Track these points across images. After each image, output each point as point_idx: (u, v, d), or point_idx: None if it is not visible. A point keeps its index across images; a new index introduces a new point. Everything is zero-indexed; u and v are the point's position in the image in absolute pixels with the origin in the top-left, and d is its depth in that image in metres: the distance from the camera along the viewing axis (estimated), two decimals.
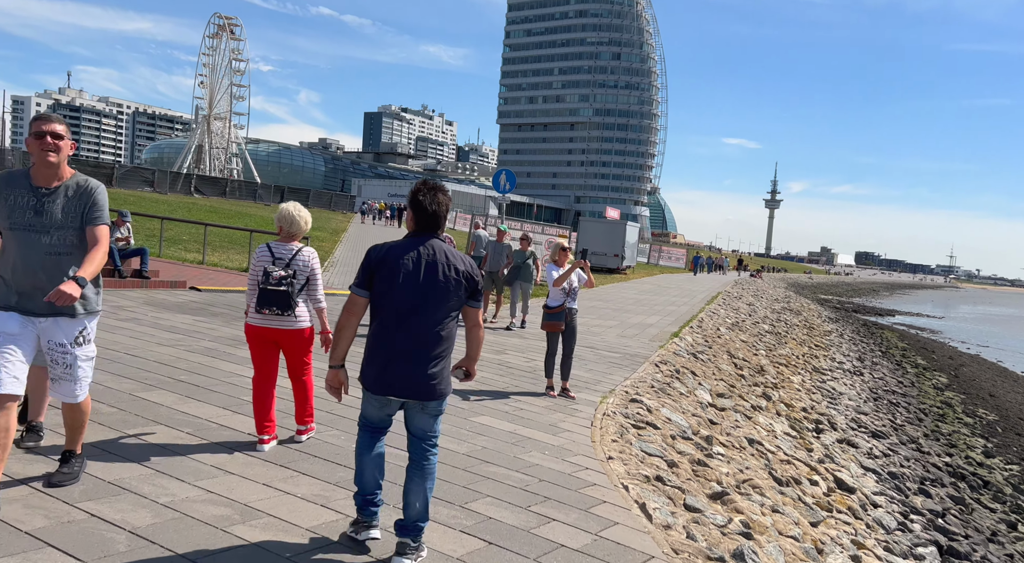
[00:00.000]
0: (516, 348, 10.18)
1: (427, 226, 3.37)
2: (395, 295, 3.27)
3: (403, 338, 3.27)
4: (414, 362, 3.27)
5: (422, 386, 3.28)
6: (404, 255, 3.30)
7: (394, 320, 3.28)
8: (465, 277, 3.35)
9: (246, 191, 59.73)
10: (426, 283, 3.28)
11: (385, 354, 3.28)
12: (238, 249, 20.01)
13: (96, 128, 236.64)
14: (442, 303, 3.30)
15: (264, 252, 4.63)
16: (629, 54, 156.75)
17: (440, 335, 3.31)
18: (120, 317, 8.89)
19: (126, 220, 11.83)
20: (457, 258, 3.37)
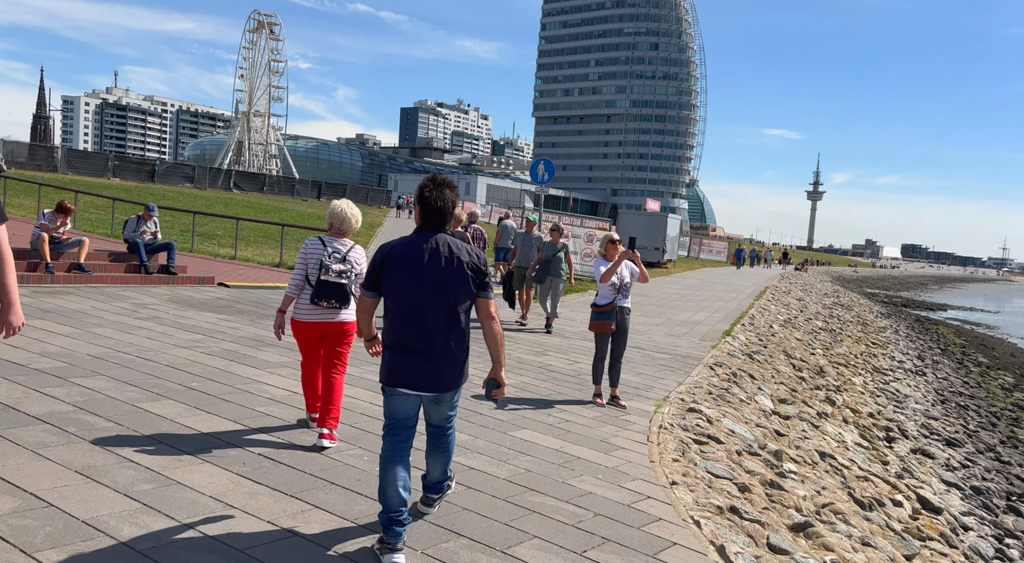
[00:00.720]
0: (558, 349, 9.45)
1: (433, 221, 3.38)
2: (403, 290, 3.29)
3: (414, 332, 3.28)
4: (427, 356, 3.29)
5: (436, 379, 3.30)
6: (410, 251, 3.31)
7: (404, 315, 3.30)
8: (471, 268, 3.34)
9: (284, 186, 59.97)
10: (432, 277, 3.29)
11: (399, 349, 3.30)
12: (272, 244, 19.63)
13: (141, 126, 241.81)
14: (450, 296, 3.31)
15: (317, 245, 4.57)
16: (667, 44, 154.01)
17: (451, 328, 3.32)
18: (140, 316, 8.41)
19: (153, 214, 11.41)
20: (462, 250, 3.36)
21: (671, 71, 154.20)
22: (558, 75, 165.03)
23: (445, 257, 3.31)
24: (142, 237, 11.27)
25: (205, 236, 19.43)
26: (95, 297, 9.34)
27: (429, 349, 3.29)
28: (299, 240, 21.87)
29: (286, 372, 6.46)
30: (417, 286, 3.28)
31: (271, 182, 59.75)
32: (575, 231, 22.01)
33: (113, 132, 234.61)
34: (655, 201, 43.49)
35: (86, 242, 10.38)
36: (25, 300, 8.58)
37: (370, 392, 6.13)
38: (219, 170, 58.14)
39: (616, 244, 6.69)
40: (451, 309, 3.31)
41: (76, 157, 46.80)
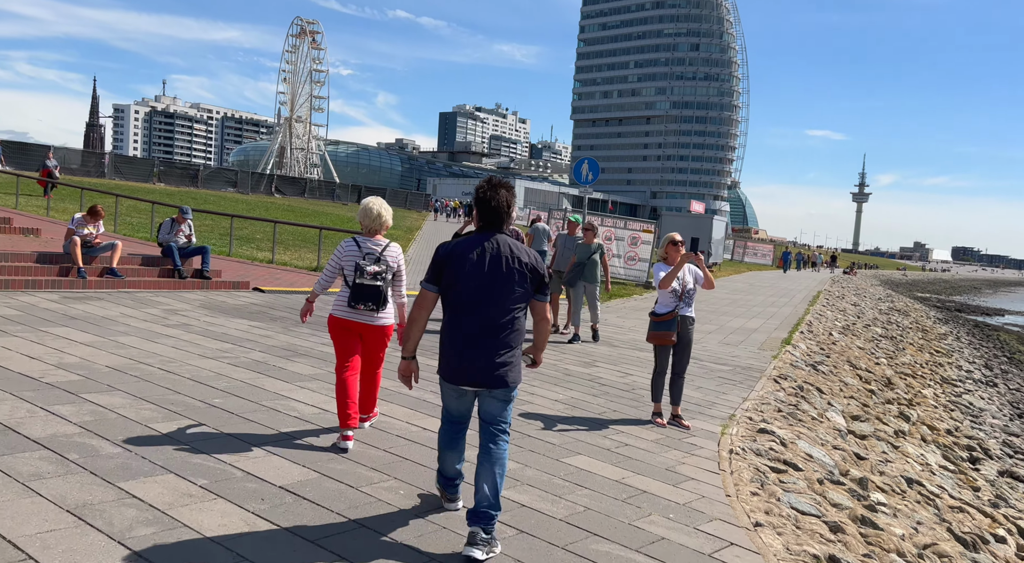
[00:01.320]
0: (607, 359, 8.80)
1: (492, 222, 3.44)
2: (462, 288, 3.36)
3: (472, 329, 3.36)
4: (483, 352, 3.36)
5: (491, 375, 3.36)
6: (470, 250, 3.37)
7: (463, 312, 3.37)
8: (530, 269, 3.40)
9: (325, 191, 60.33)
10: (491, 276, 3.35)
11: (456, 345, 3.38)
12: (310, 248, 19.35)
13: (188, 133, 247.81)
14: (508, 295, 3.37)
15: (351, 246, 4.52)
16: (708, 44, 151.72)
17: (507, 326, 3.38)
18: (169, 323, 8.02)
19: (187, 217, 11.09)
20: (522, 251, 3.41)
21: (712, 72, 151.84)
22: (597, 77, 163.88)
23: (506, 257, 3.37)
24: (176, 240, 10.95)
25: (243, 240, 19.24)
26: (125, 302, 9.01)
27: (485, 346, 3.35)
28: (336, 243, 21.59)
29: (317, 386, 5.94)
30: (476, 284, 3.35)
31: (312, 186, 60.17)
32: (618, 234, 21.29)
33: (161, 139, 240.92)
34: (700, 203, 42.37)
35: (119, 246, 10.10)
36: (53, 306, 8.26)
37: (407, 410, 5.58)
38: (261, 175, 58.82)
39: (678, 246, 6.02)
40: (507, 308, 3.37)
41: (123, 163, 47.67)
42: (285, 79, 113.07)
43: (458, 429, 3.58)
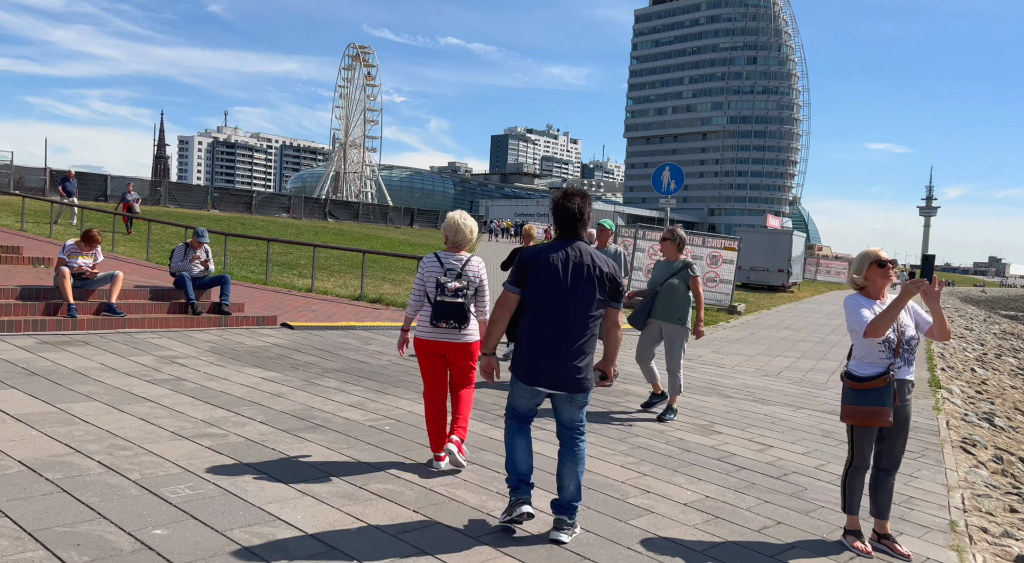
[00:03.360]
0: (729, 420, 6.60)
1: (569, 230, 3.59)
2: (544, 292, 3.48)
3: (550, 332, 3.46)
4: (560, 355, 3.45)
5: (568, 379, 3.47)
6: (553, 255, 3.51)
7: (543, 316, 3.48)
8: (609, 278, 3.54)
9: (377, 214, 59.63)
10: (572, 281, 3.47)
11: (534, 347, 3.48)
12: (356, 273, 17.66)
13: (249, 161, 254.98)
14: (587, 301, 3.48)
15: (433, 262, 4.40)
16: (766, 57, 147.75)
17: (584, 331, 3.49)
18: (157, 377, 6.21)
19: (203, 241, 9.41)
20: (601, 260, 3.56)
21: (771, 85, 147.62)
22: (650, 94, 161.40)
23: (587, 265, 3.50)
24: (190, 269, 9.28)
25: (285, 266, 17.70)
26: (115, 348, 7.29)
27: (560, 350, 3.45)
28: (387, 269, 19.92)
29: (327, 491, 3.96)
30: (557, 289, 3.46)
31: (365, 210, 59.53)
32: (696, 252, 18.97)
33: (223, 168, 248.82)
34: (776, 217, 39.51)
35: (120, 277, 8.44)
36: (17, 355, 6.56)
37: (482, 423, 3.55)
38: (315, 200, 58.51)
39: (888, 269, 3.84)
40: (584, 313, 3.48)
41: (178, 190, 47.64)
42: (339, 105, 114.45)
43: (525, 422, 3.67)
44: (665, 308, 6.20)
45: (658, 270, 6.35)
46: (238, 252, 19.72)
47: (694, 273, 6.23)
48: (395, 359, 8.16)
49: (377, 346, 8.92)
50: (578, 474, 3.55)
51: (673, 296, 6.20)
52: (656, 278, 6.31)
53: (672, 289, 6.21)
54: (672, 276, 6.22)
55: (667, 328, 6.24)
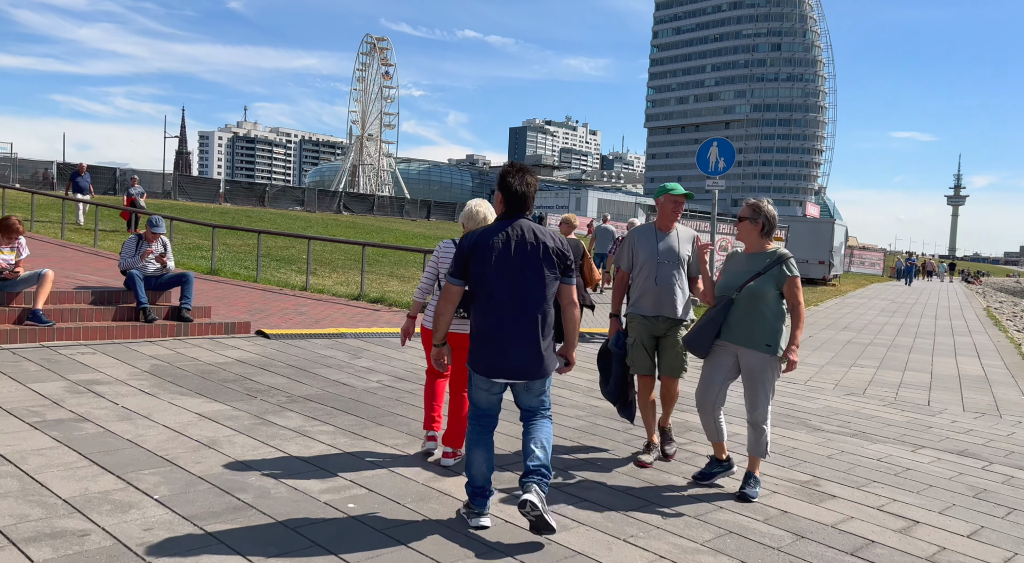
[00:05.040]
0: (837, 476, 4.80)
1: (515, 207, 3.40)
2: (489, 278, 3.30)
3: (501, 319, 3.30)
4: (514, 343, 3.29)
5: (524, 366, 3.31)
6: (493, 238, 3.32)
7: (490, 303, 3.31)
8: (556, 253, 3.35)
9: (393, 207, 58.15)
10: (517, 263, 3.30)
11: (486, 337, 3.32)
12: (359, 269, 15.94)
13: (268, 156, 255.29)
14: (535, 282, 3.32)
15: (449, 248, 4.23)
16: (791, 44, 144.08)
17: (536, 314, 3.32)
18: (54, 414, 4.55)
19: (158, 231, 7.76)
20: (546, 235, 3.37)
21: (795, 72, 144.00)
22: (671, 83, 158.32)
23: (531, 243, 3.32)
24: (142, 266, 7.64)
25: (283, 261, 16.09)
26: (23, 369, 5.65)
27: (514, 336, 3.29)
28: (396, 263, 18.25)
29: None
30: (502, 272, 3.29)
31: (380, 203, 58.04)
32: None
33: (243, 162, 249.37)
34: (814, 205, 37.34)
35: (48, 276, 6.81)
36: None
37: None
38: (330, 193, 57.15)
39: None
40: (536, 295, 3.32)
41: (188, 183, 46.39)
42: (356, 98, 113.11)
43: (487, 424, 3.47)
44: (745, 326, 4.03)
45: (733, 267, 4.17)
46: (235, 246, 18.17)
47: (792, 271, 4.03)
48: (385, 380, 6.46)
49: (368, 360, 7.23)
50: (545, 444, 3.39)
51: (757, 308, 4.01)
52: (731, 281, 4.10)
53: (756, 297, 4.00)
54: (756, 276, 4.02)
55: (748, 357, 4.05)
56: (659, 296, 4.39)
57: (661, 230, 4.54)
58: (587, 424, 5.50)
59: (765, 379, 4.04)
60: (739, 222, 4.19)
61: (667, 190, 4.53)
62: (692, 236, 4.61)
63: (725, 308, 4.05)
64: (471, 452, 3.42)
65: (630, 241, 4.60)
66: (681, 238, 4.53)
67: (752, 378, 4.06)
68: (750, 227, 4.13)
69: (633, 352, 4.48)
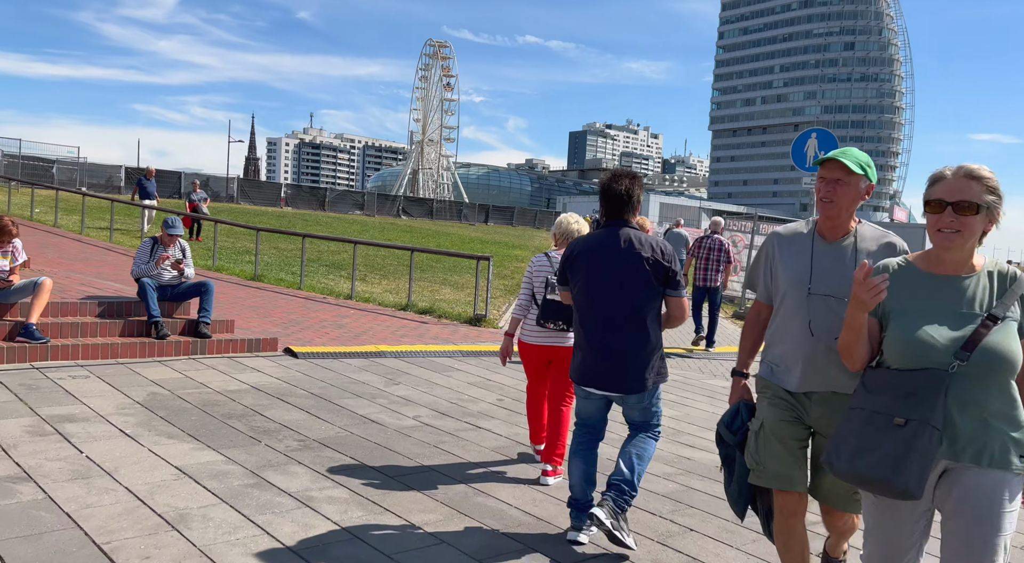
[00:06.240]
0: None
1: (614, 213, 3.31)
2: (586, 287, 3.26)
3: (593, 329, 3.23)
4: (605, 354, 3.20)
5: (616, 378, 3.20)
6: (591, 246, 3.29)
7: (587, 311, 3.26)
8: (651, 263, 3.19)
9: (452, 211, 57.67)
10: (609, 272, 3.21)
11: (581, 344, 3.29)
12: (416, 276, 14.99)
13: (333, 161, 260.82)
14: (632, 292, 3.18)
15: (542, 261, 4.29)
16: (865, 42, 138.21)
17: (632, 326, 3.18)
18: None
19: (174, 233, 6.84)
20: (645, 244, 3.22)
21: (870, 72, 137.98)
22: (737, 85, 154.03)
23: (626, 252, 3.20)
24: (157, 274, 6.72)
25: (333, 267, 15.27)
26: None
27: (605, 347, 3.20)
28: (449, 269, 17.22)
29: None
30: (597, 282, 3.23)
31: (439, 207, 57.64)
32: None
33: (309, 168, 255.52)
34: (902, 209, 34.79)
35: (45, 285, 5.93)
36: None
37: None
38: (389, 197, 57.08)
39: None
40: (632, 306, 3.19)
41: (250, 187, 46.82)
42: (416, 107, 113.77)
43: (587, 434, 3.39)
44: (973, 424, 2.02)
45: (916, 304, 2.11)
46: (286, 250, 17.51)
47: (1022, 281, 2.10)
48: (423, 416, 5.32)
49: (406, 387, 6.12)
50: (632, 457, 3.25)
51: (996, 386, 2.03)
52: (931, 336, 2.03)
53: (999, 364, 2.00)
54: (993, 322, 2.03)
55: (974, 481, 2.01)
56: (811, 354, 2.46)
57: (823, 235, 2.54)
58: (678, 488, 4.23)
59: (1003, 521, 2.00)
60: (958, 210, 2.02)
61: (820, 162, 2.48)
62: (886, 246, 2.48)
63: (933, 391, 1.99)
64: (570, 461, 3.39)
65: (767, 250, 2.68)
66: (863, 250, 2.46)
67: (979, 518, 1.99)
68: (974, 224, 2.05)
69: (759, 447, 2.56)
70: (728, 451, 2.77)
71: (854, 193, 2.43)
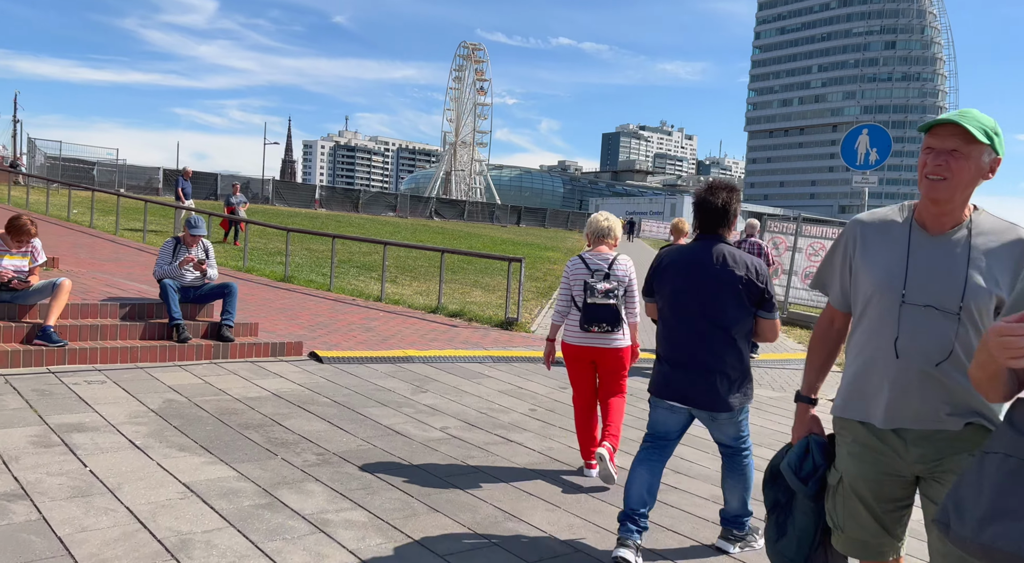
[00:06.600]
0: None
1: (709, 227, 3.21)
2: (671, 301, 3.21)
3: (683, 344, 3.15)
4: (692, 369, 3.12)
5: (701, 395, 3.11)
6: (682, 259, 3.21)
7: (673, 326, 3.19)
8: (744, 283, 3.08)
9: (484, 213, 57.55)
10: (700, 288, 3.12)
11: (667, 359, 3.21)
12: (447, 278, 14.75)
13: (367, 164, 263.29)
14: (722, 310, 3.09)
15: (577, 264, 4.24)
16: (907, 41, 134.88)
17: (718, 343, 3.09)
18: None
19: (198, 233, 6.63)
20: (739, 263, 3.11)
21: (912, 71, 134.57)
22: (774, 85, 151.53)
23: (717, 269, 3.10)
24: (179, 275, 6.52)
25: (364, 268, 15.08)
26: (2, 403, 4.53)
27: (692, 363, 3.12)
28: (481, 271, 16.94)
29: None
30: (684, 296, 3.16)
31: (471, 208, 57.56)
32: None
33: (343, 170, 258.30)
34: None
35: (63, 286, 5.75)
36: None
37: None
38: (422, 199, 57.20)
39: None
40: (720, 324, 3.09)
41: (285, 188, 47.22)
42: (450, 107, 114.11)
43: (653, 445, 3.28)
44: None
45: None
46: (318, 251, 17.38)
47: None
48: (451, 428, 4.99)
49: (434, 395, 5.81)
50: (742, 490, 3.28)
51: None
52: None
53: None
54: None
55: None
56: (901, 381, 1.92)
57: (924, 225, 1.98)
58: None
59: None
60: None
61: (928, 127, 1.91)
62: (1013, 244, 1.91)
63: None
64: (632, 468, 3.29)
65: (846, 242, 2.10)
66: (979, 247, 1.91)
67: None
68: None
69: (837, 506, 2.07)
70: (779, 496, 2.21)
71: (975, 169, 1.84)
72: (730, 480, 3.33)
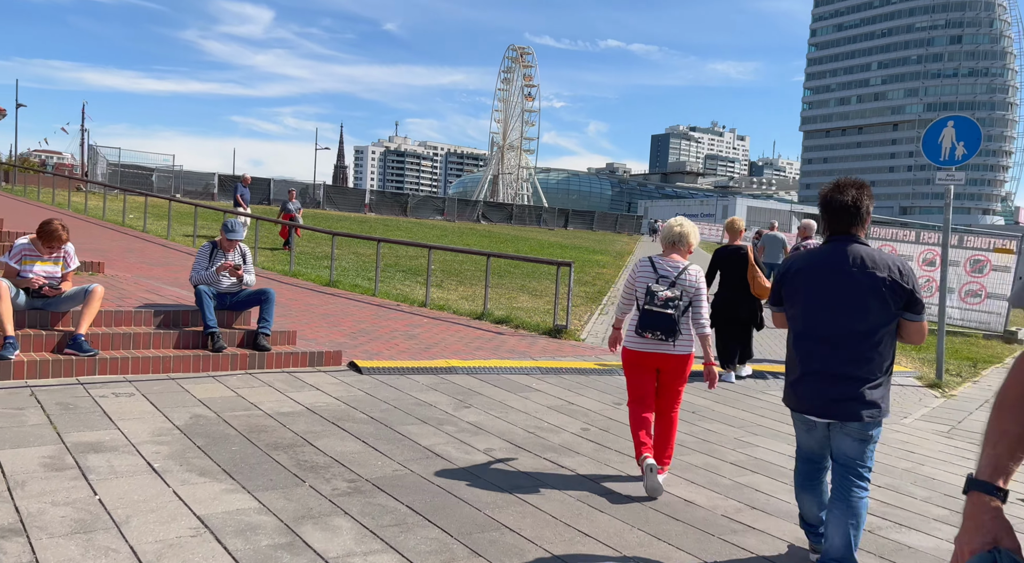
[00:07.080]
0: None
1: (839, 227, 3.02)
2: (806, 308, 3.03)
3: (809, 352, 3.00)
4: (827, 378, 2.95)
5: (834, 404, 2.94)
6: (814, 264, 3.04)
7: (807, 335, 3.02)
8: (888, 284, 2.88)
9: (531, 216, 57.13)
10: (834, 292, 2.94)
11: (796, 369, 3.07)
12: (494, 283, 14.36)
13: (416, 168, 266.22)
14: (862, 316, 2.90)
15: (646, 266, 4.14)
16: (974, 35, 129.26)
17: (854, 351, 2.90)
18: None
19: (234, 238, 6.36)
20: (879, 263, 2.92)
21: (979, 66, 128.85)
22: (831, 83, 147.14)
23: (855, 271, 2.92)
24: (215, 281, 6.26)
25: (410, 272, 14.81)
26: (23, 418, 4.28)
27: (823, 371, 2.96)
28: (528, 275, 16.49)
29: None
30: (817, 302, 2.98)
31: (518, 212, 57.20)
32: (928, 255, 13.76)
33: (393, 174, 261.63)
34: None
35: (96, 293, 5.53)
36: None
37: None
38: (470, 202, 57.14)
39: None
40: (860, 331, 2.91)
41: (336, 193, 47.68)
42: (498, 108, 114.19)
43: (810, 469, 3.17)
44: None
45: None
46: (365, 255, 17.21)
47: None
48: (496, 449, 4.55)
49: (478, 411, 5.38)
50: (847, 527, 2.92)
51: None
52: None
53: None
54: None
55: None
56: None
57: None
58: None
59: None
60: None
61: None
62: None
63: None
64: (798, 496, 3.27)
65: None
66: None
67: None
68: None
69: None
70: None
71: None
72: (837, 510, 2.95)
